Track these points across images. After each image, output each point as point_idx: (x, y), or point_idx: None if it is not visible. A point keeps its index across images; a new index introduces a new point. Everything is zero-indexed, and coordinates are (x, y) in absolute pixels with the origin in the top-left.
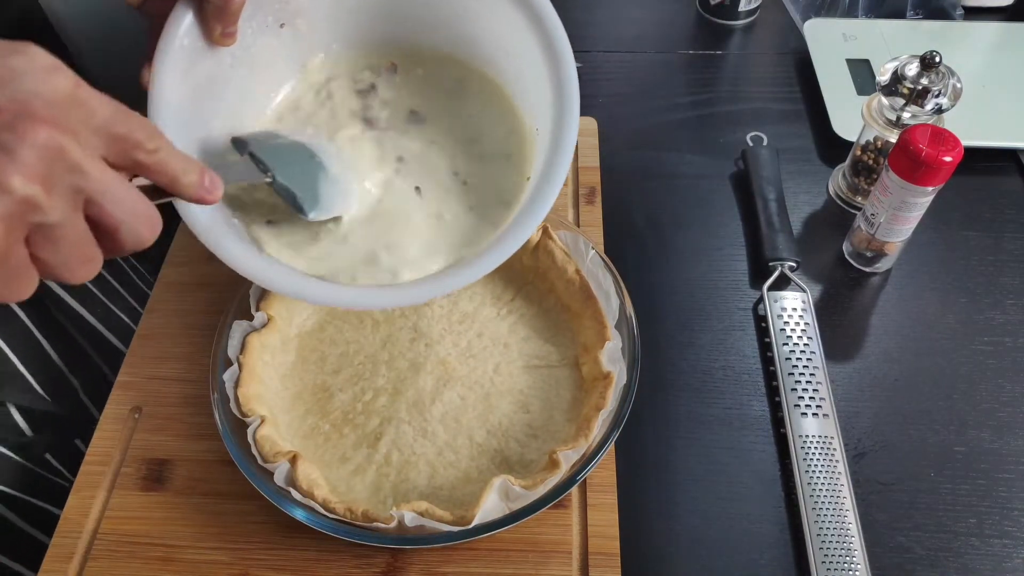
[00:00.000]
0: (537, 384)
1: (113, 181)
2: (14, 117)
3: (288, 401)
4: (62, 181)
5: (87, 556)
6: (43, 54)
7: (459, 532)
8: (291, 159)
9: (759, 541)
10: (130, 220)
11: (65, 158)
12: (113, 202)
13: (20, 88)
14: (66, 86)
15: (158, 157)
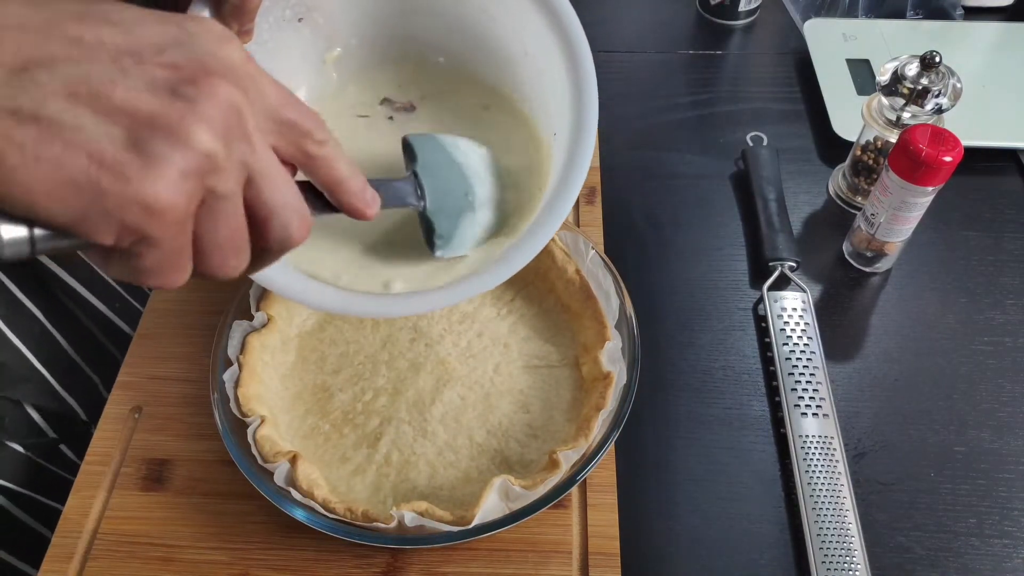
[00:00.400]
0: (537, 384)
1: (276, 164)
2: (196, 72)
3: (288, 401)
4: (237, 148)
5: (87, 556)
6: (217, 24)
7: (459, 532)
8: (447, 188)
9: (759, 541)
10: (283, 212)
11: (241, 123)
12: (272, 187)
13: (198, 48)
14: (240, 56)
15: (326, 151)
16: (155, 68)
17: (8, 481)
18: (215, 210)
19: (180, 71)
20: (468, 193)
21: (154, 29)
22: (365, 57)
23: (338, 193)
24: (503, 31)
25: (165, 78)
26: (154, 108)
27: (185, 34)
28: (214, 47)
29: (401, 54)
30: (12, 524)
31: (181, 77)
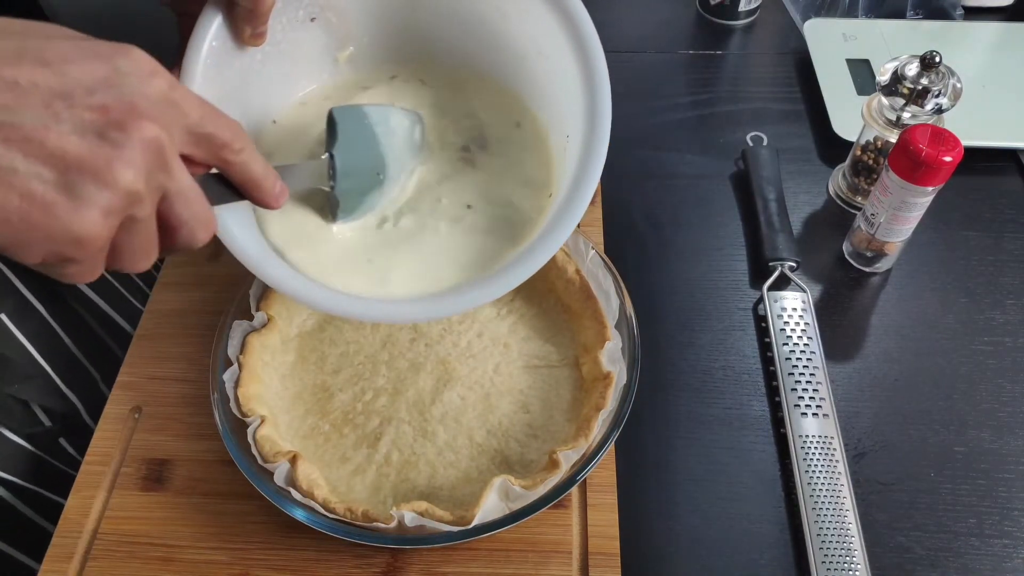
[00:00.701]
0: (537, 384)
1: (189, 183)
2: (123, 115)
3: (288, 401)
4: (155, 178)
5: (87, 556)
6: (145, 57)
7: (459, 532)
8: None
9: (759, 541)
10: (191, 223)
11: (162, 156)
12: (184, 205)
13: (126, 89)
14: (163, 88)
15: (243, 157)
16: (84, 111)
17: (10, 474)
18: (132, 230)
19: (108, 114)
20: (380, 172)
21: (85, 68)
22: (377, 56)
23: (251, 191)
24: (517, 31)
25: (93, 121)
26: (82, 152)
27: (115, 73)
28: (142, 84)
29: (413, 53)
30: (14, 517)
31: (109, 120)
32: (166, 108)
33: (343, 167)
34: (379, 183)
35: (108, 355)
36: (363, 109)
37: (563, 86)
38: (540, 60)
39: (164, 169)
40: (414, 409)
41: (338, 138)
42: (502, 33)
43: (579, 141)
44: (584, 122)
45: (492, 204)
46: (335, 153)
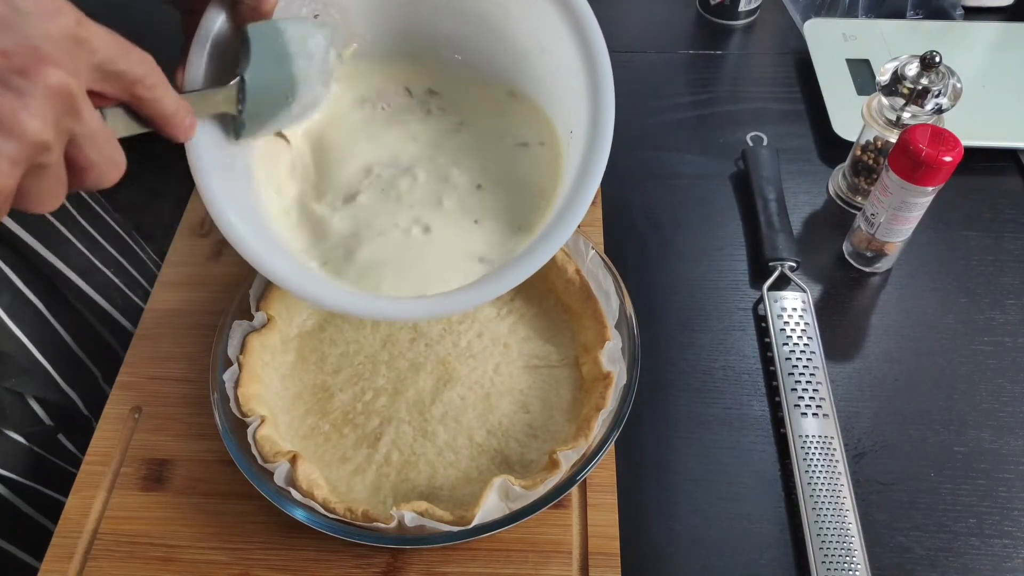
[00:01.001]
0: (537, 384)
1: (99, 126)
2: (25, 60)
3: (288, 401)
4: (64, 124)
5: (87, 556)
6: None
7: (459, 532)
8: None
9: (759, 541)
10: (102, 164)
11: (70, 101)
12: (93, 146)
13: (27, 31)
14: (68, 25)
15: (155, 93)
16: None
17: (9, 471)
18: (39, 175)
19: (9, 60)
20: (289, 96)
21: None
22: (381, 52)
23: (162, 126)
24: (520, 27)
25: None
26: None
27: (13, 13)
28: (44, 23)
29: (417, 49)
30: (14, 514)
31: (11, 66)
32: (72, 47)
33: (253, 89)
34: (287, 104)
35: (108, 352)
36: (279, 26)
37: (566, 82)
38: (544, 57)
39: (72, 113)
40: (414, 409)
41: (251, 59)
42: (507, 31)
43: (582, 136)
44: (587, 117)
45: (493, 195)
46: (246, 76)
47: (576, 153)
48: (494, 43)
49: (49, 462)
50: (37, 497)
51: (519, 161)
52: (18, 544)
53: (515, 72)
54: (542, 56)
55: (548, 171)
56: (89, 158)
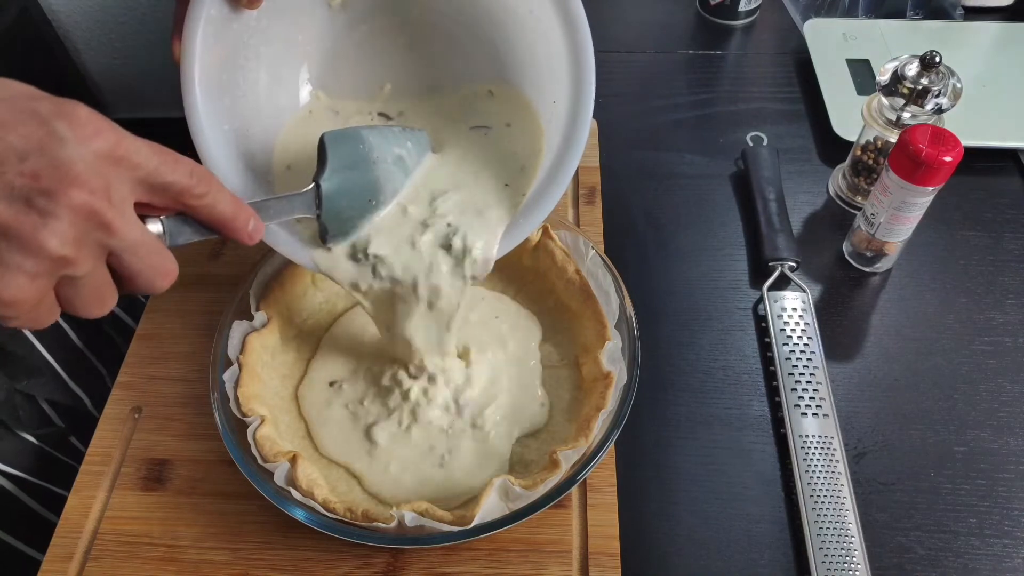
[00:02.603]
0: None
1: (139, 238)
2: (52, 182)
3: (288, 401)
4: (91, 239)
5: (87, 556)
6: (88, 115)
7: (459, 532)
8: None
9: (759, 541)
10: (147, 272)
11: (96, 219)
12: (135, 257)
13: (61, 155)
14: (105, 147)
15: (205, 202)
16: (15, 177)
17: (19, 470)
18: (74, 285)
19: (38, 181)
20: (373, 198)
21: (21, 132)
22: (367, 6)
23: (223, 231)
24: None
25: (23, 187)
26: (8, 219)
27: (50, 137)
28: (79, 147)
29: (400, 5)
30: (22, 511)
31: (38, 188)
32: (109, 167)
33: (330, 196)
34: (372, 208)
35: (113, 350)
36: (360, 132)
37: (546, 51)
38: (531, 20)
39: (103, 229)
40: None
41: (328, 165)
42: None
43: (565, 99)
44: (570, 80)
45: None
46: (322, 182)
47: (559, 120)
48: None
49: (58, 460)
50: (46, 494)
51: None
52: (27, 541)
53: (500, 35)
54: (530, 18)
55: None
56: (133, 268)
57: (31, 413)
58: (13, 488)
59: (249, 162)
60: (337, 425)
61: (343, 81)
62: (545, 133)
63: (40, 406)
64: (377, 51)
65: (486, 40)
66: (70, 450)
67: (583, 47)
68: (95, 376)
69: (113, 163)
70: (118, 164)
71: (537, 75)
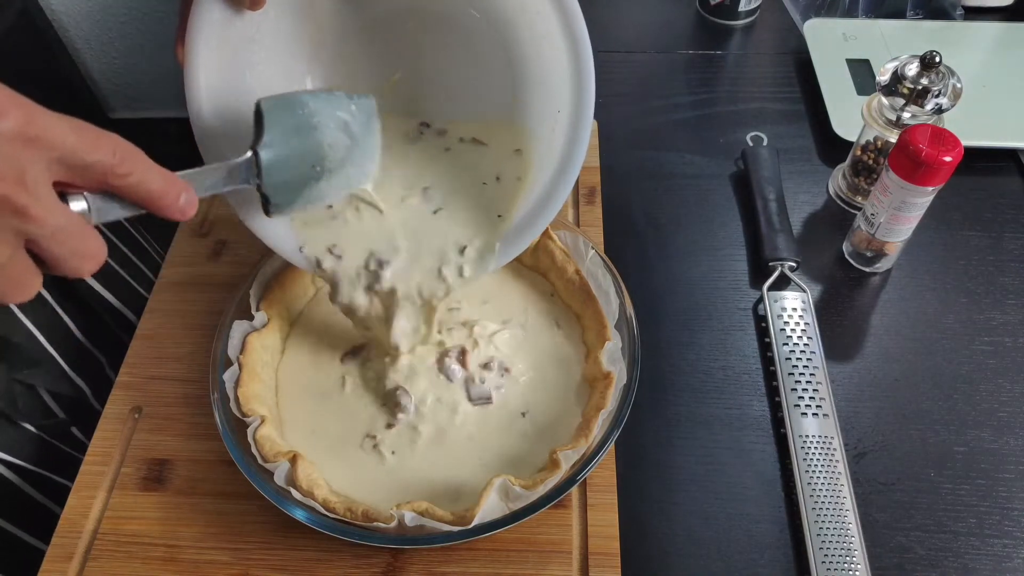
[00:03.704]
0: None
1: (58, 222)
2: None
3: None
4: (6, 226)
5: (87, 556)
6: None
7: (459, 532)
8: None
9: (759, 541)
10: (70, 258)
11: (9, 206)
12: (55, 242)
13: None
14: (15, 127)
15: (131, 180)
16: None
17: (21, 459)
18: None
19: None
20: (317, 164)
21: None
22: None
23: (152, 208)
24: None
25: None
26: None
27: None
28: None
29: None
30: (24, 501)
31: None
32: (20, 150)
33: (270, 164)
34: (317, 175)
35: (114, 341)
36: (300, 98)
37: (552, 54)
38: (530, 17)
39: (17, 216)
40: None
41: (265, 132)
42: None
43: (567, 105)
44: (571, 90)
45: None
46: (259, 150)
47: (562, 128)
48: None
49: (60, 451)
50: (47, 484)
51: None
52: (29, 530)
53: (501, 35)
54: (523, 16)
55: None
56: (53, 253)
57: (31, 404)
58: (15, 478)
59: None
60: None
61: (349, 79)
62: (545, 141)
63: (41, 397)
64: (384, 48)
65: (489, 44)
66: (72, 441)
67: (584, 62)
68: (96, 366)
69: (25, 143)
70: (31, 144)
71: (537, 85)
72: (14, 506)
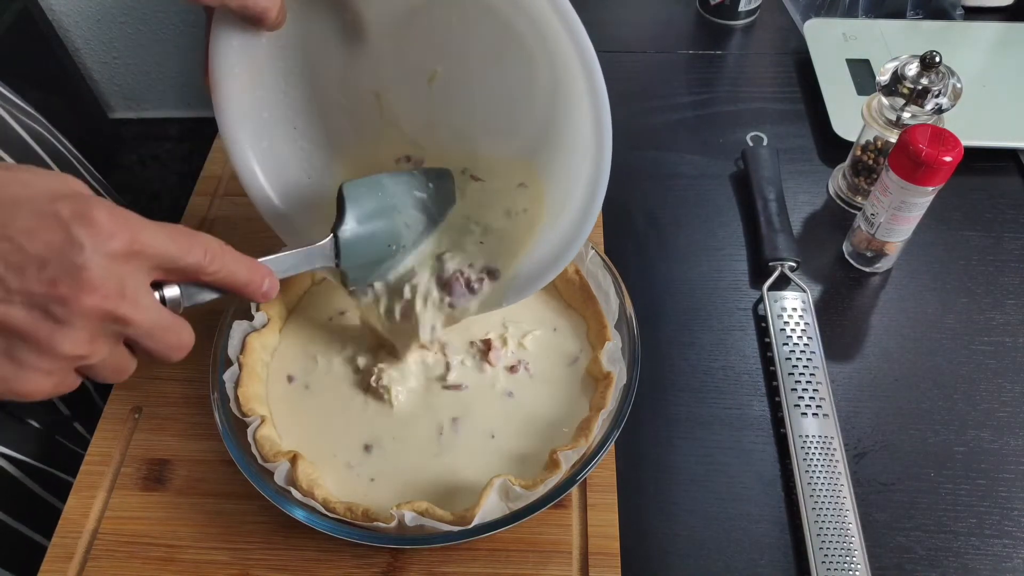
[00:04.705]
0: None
1: (155, 322)
2: (68, 289)
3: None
4: (107, 332)
5: (87, 556)
6: (106, 216)
7: (459, 532)
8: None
9: (759, 541)
10: (163, 350)
11: (111, 317)
12: (150, 339)
13: (76, 260)
14: (121, 247)
15: (219, 276)
16: (35, 284)
17: (24, 455)
18: (92, 369)
19: (55, 288)
20: (393, 244)
21: (43, 239)
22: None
23: (239, 295)
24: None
25: (41, 295)
26: (26, 325)
27: (69, 244)
28: (95, 252)
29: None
30: (28, 496)
31: (55, 295)
32: (122, 266)
33: (348, 246)
34: (392, 253)
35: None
36: (379, 181)
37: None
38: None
39: (118, 323)
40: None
41: (347, 216)
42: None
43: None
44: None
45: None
46: (340, 234)
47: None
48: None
49: (63, 446)
50: (50, 479)
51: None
52: (31, 525)
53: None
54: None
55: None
56: (148, 347)
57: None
58: (18, 473)
59: (287, 176)
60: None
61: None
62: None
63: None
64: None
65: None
66: (75, 437)
67: (602, 117)
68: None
69: (128, 259)
70: (134, 258)
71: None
72: (17, 501)
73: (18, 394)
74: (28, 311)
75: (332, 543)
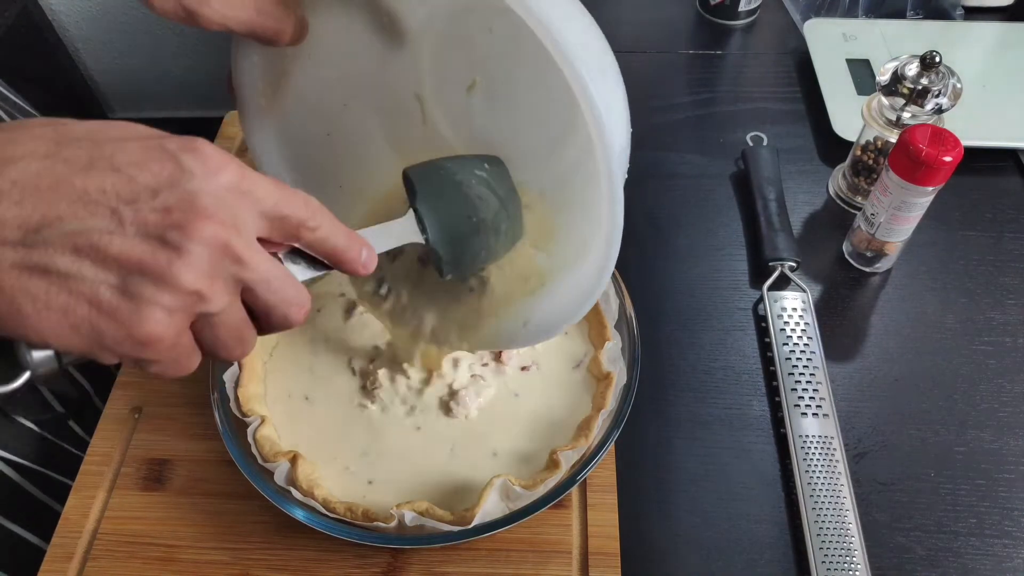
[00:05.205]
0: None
1: (270, 270)
2: (184, 216)
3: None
4: (225, 272)
5: (87, 556)
6: (212, 151)
7: (459, 532)
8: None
9: (759, 541)
10: (281, 305)
11: (229, 252)
12: (268, 290)
13: (188, 187)
14: (232, 180)
15: (319, 235)
16: (149, 214)
17: (20, 456)
18: (210, 323)
19: (170, 215)
20: (472, 215)
21: (152, 170)
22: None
23: (337, 263)
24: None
25: (156, 224)
26: (144, 256)
27: (179, 172)
28: (206, 181)
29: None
30: (24, 498)
31: (171, 223)
32: (235, 200)
33: (429, 215)
34: (475, 227)
35: None
36: (437, 162)
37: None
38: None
39: (235, 262)
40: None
41: (418, 192)
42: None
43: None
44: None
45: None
46: (418, 206)
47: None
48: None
49: (58, 447)
50: (46, 481)
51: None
52: (28, 527)
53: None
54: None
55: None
56: (267, 301)
57: (31, 398)
58: (14, 475)
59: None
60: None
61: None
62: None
63: (40, 392)
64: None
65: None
66: (72, 438)
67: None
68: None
69: (239, 196)
70: (244, 197)
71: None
72: (14, 504)
73: (138, 338)
74: (144, 241)
75: (332, 543)
